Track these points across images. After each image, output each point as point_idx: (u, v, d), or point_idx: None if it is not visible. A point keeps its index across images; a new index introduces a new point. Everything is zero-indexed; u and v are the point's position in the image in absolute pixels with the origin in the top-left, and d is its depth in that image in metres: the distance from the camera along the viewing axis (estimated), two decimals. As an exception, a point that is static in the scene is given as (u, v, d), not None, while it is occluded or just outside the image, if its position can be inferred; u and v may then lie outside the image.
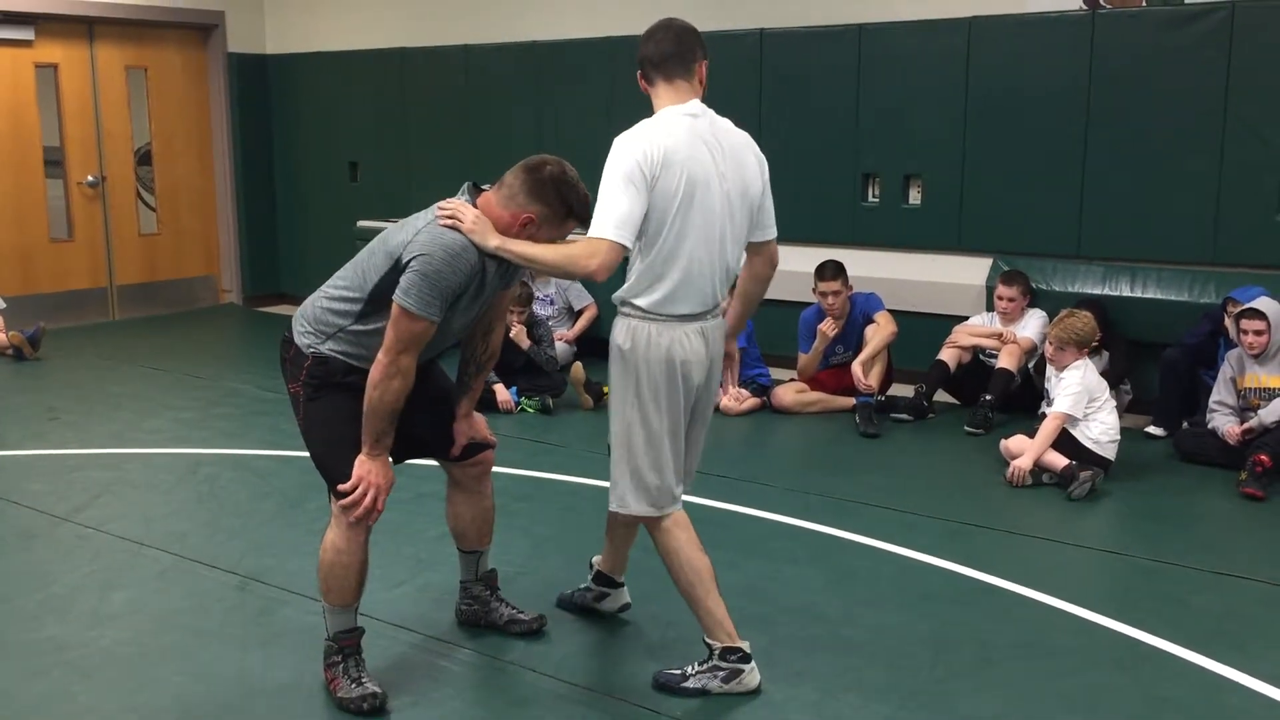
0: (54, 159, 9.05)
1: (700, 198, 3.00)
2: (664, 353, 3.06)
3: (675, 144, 2.98)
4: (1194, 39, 5.97)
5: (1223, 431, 5.26)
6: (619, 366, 3.12)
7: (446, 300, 2.91)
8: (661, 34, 3.12)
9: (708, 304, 3.12)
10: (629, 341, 3.08)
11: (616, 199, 2.91)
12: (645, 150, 2.95)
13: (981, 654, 3.46)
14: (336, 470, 3.04)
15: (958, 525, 4.58)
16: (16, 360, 7.62)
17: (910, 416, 6.16)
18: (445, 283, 2.88)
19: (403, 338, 2.89)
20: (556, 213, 3.02)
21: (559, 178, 3.01)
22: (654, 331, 3.06)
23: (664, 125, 3.02)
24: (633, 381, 3.08)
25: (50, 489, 4.99)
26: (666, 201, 2.97)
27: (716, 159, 3.04)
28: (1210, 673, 3.35)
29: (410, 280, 2.86)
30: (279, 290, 10.17)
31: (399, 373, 2.91)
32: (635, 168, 2.93)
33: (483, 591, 3.59)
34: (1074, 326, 5.14)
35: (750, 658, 3.20)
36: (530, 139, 8.12)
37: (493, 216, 3.00)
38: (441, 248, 2.88)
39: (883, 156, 6.94)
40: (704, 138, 3.04)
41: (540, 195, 3.00)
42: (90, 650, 3.47)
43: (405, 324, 2.88)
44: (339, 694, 3.12)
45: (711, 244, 3.06)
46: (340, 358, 3.05)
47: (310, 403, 3.08)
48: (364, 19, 9.34)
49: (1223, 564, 4.17)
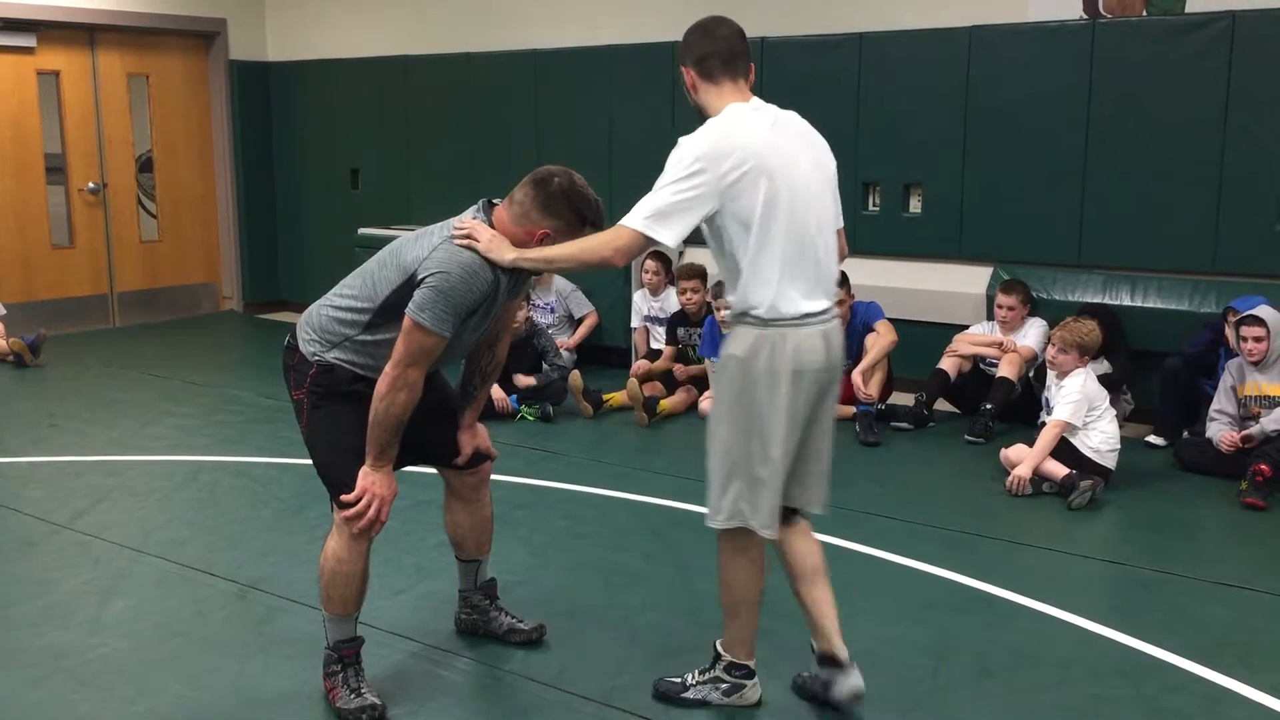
0: (55, 166, 9.06)
1: (789, 191, 2.87)
2: (786, 361, 2.88)
3: (753, 139, 2.86)
4: (1194, 48, 5.98)
5: (1217, 440, 5.26)
6: (733, 377, 2.93)
7: (460, 317, 2.91)
8: (725, 29, 2.99)
9: (822, 299, 2.95)
10: (747, 350, 2.90)
11: (659, 194, 2.81)
12: (715, 151, 2.81)
13: (982, 664, 3.45)
14: (340, 480, 3.04)
15: (958, 534, 4.58)
16: (17, 367, 7.62)
17: (910, 425, 6.16)
18: (460, 300, 2.89)
19: (413, 351, 2.89)
20: (571, 224, 3.01)
21: (569, 189, 3.00)
22: (775, 338, 2.88)
23: (739, 122, 2.90)
24: (747, 393, 2.90)
25: (50, 496, 4.99)
26: (752, 200, 2.83)
27: (797, 147, 2.96)
28: (1212, 684, 3.34)
29: (425, 295, 2.87)
30: (280, 297, 10.18)
31: (406, 385, 2.91)
32: (697, 168, 2.79)
33: (482, 601, 3.59)
34: (1079, 331, 5.14)
35: (754, 674, 3.18)
36: (531, 146, 8.14)
37: (507, 234, 2.99)
38: (459, 265, 2.89)
39: (883, 165, 6.94)
40: (780, 128, 2.95)
41: (552, 209, 2.99)
42: (89, 658, 3.46)
43: (417, 338, 2.88)
44: (338, 704, 3.11)
45: (808, 233, 2.92)
46: (346, 366, 3.05)
47: (315, 410, 3.08)
48: (365, 26, 9.36)
49: (1224, 574, 4.16)
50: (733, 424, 2.95)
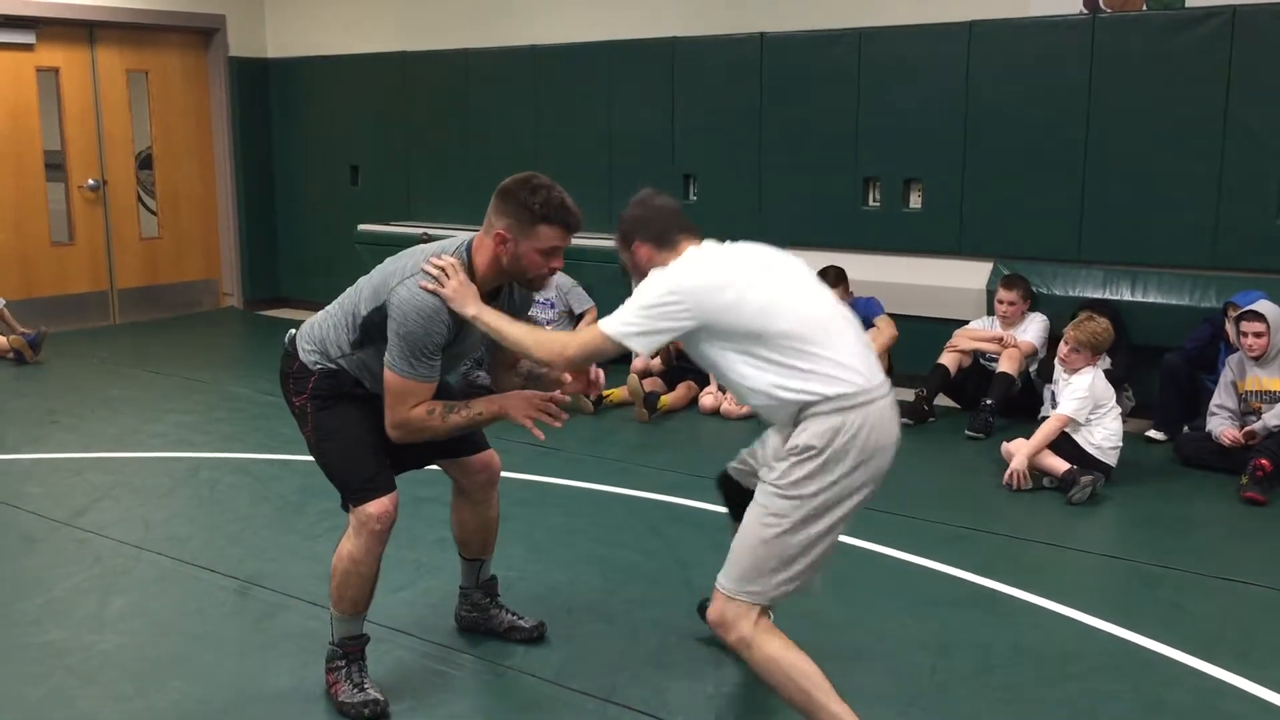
0: (55, 163, 9.06)
1: (770, 277, 2.82)
2: (862, 443, 2.68)
3: (716, 260, 2.86)
4: (1194, 43, 5.97)
5: (1217, 434, 5.26)
6: (803, 468, 2.69)
7: (432, 353, 2.93)
8: (672, 203, 3.02)
9: (865, 366, 2.75)
10: (824, 439, 2.67)
11: (633, 309, 2.79)
12: (681, 286, 2.77)
13: (982, 659, 3.46)
14: (353, 479, 3.05)
15: (958, 530, 4.58)
16: (17, 364, 7.63)
17: (910, 420, 6.15)
18: (425, 342, 2.91)
19: (397, 394, 2.94)
20: (521, 219, 2.92)
21: (518, 183, 2.96)
22: (852, 421, 2.67)
23: (699, 255, 2.89)
24: (820, 482, 2.69)
25: (50, 493, 4.99)
26: (738, 302, 2.74)
27: (761, 249, 2.94)
28: (1210, 678, 3.34)
29: (392, 344, 2.91)
30: (279, 294, 10.18)
31: (407, 421, 2.96)
32: (669, 300, 2.75)
33: (483, 599, 3.59)
34: (1093, 331, 5.12)
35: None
36: (530, 142, 8.13)
37: (484, 253, 3.00)
38: (415, 311, 2.89)
39: (883, 160, 6.94)
40: (737, 246, 2.94)
41: (503, 209, 2.95)
42: (90, 655, 3.47)
43: (397, 385, 2.93)
44: (340, 698, 3.11)
45: (810, 302, 2.82)
46: (348, 372, 3.08)
47: (320, 412, 3.08)
48: (364, 23, 9.35)
49: (1223, 569, 4.17)
50: (782, 509, 2.76)
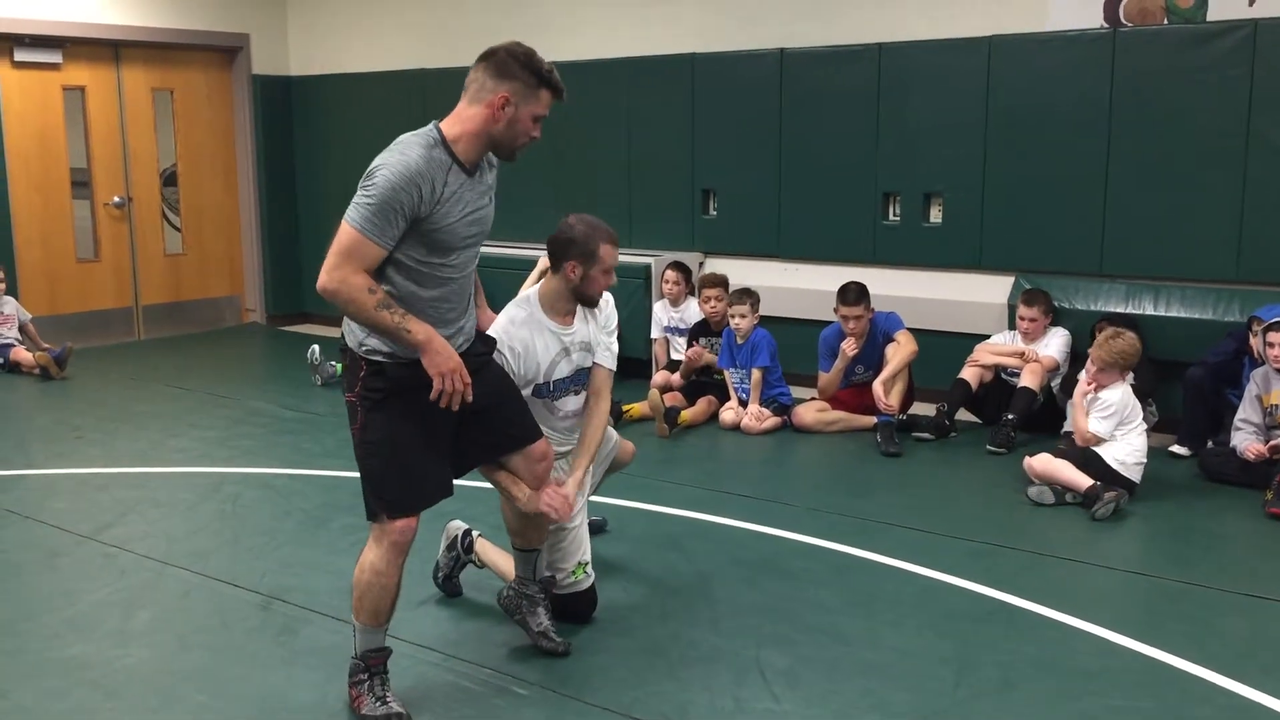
0: (81, 180, 9.16)
1: None
2: None
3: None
4: (1216, 56, 5.95)
5: (1242, 449, 5.22)
6: None
7: (396, 216, 2.87)
8: None
9: None
10: None
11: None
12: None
13: (1004, 675, 3.44)
14: (386, 491, 3.04)
15: (980, 545, 4.56)
16: (43, 380, 7.69)
17: (932, 435, 6.14)
18: (392, 201, 2.86)
19: (345, 249, 2.91)
20: (528, 84, 2.99)
21: (514, 50, 3.00)
22: None
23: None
24: None
25: (75, 508, 5.03)
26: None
27: None
28: (1237, 696, 3.31)
29: (357, 198, 2.90)
30: (303, 310, 10.23)
31: (346, 282, 2.90)
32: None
33: (538, 594, 3.59)
34: (1120, 349, 5.08)
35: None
36: (548, 157, 8.15)
37: (471, 122, 2.99)
38: (396, 164, 2.87)
39: (903, 175, 6.94)
40: None
41: (507, 72, 2.98)
42: (114, 669, 3.49)
43: (347, 238, 2.91)
44: (363, 712, 3.12)
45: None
46: (383, 360, 3.01)
47: (371, 413, 3.04)
48: (386, 41, 9.42)
49: (1249, 586, 4.13)
50: None
